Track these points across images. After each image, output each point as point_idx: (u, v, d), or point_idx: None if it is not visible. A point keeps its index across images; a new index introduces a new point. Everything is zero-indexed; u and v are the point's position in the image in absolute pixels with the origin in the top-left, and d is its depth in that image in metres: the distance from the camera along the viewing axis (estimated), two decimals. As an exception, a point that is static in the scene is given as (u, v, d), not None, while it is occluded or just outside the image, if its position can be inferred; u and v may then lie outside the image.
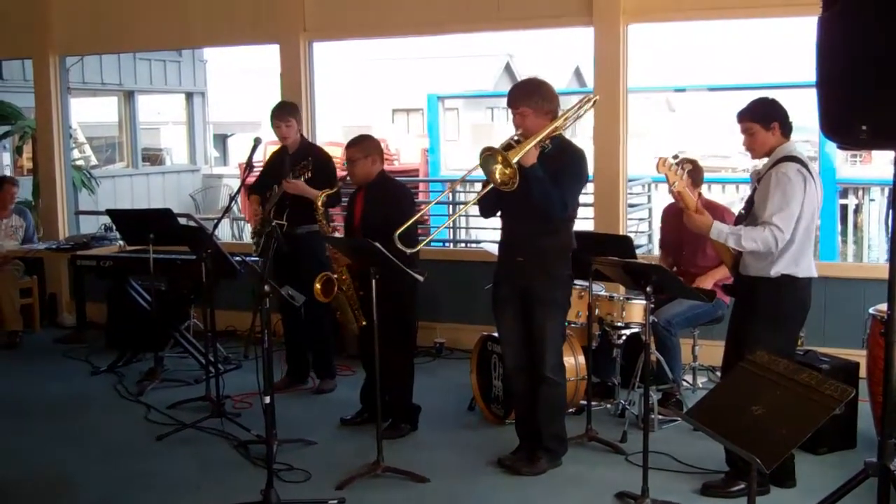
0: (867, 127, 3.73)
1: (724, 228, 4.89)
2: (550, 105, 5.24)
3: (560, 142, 5.27)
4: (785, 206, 4.75)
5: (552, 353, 5.38)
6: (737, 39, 33.24)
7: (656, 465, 5.30)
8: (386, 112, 27.71)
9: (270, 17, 8.78)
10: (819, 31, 3.87)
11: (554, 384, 5.42)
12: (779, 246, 4.76)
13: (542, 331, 5.33)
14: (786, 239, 4.76)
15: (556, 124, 5.15)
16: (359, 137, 6.27)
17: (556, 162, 5.16)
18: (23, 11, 9.70)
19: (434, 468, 5.50)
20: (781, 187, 4.77)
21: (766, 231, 4.74)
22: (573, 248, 5.40)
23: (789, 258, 4.83)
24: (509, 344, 5.56)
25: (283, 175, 6.82)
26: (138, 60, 16.63)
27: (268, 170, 7.22)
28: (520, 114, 5.21)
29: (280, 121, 6.92)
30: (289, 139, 6.98)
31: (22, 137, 12.19)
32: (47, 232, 9.98)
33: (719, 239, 4.91)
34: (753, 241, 4.77)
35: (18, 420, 6.67)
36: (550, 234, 5.28)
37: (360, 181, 6.17)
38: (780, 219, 4.74)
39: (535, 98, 5.21)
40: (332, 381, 7.22)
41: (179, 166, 19.10)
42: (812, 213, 4.87)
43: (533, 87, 5.30)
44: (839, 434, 5.62)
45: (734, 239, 4.83)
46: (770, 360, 3.75)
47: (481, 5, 8.06)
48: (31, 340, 9.00)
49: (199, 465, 5.73)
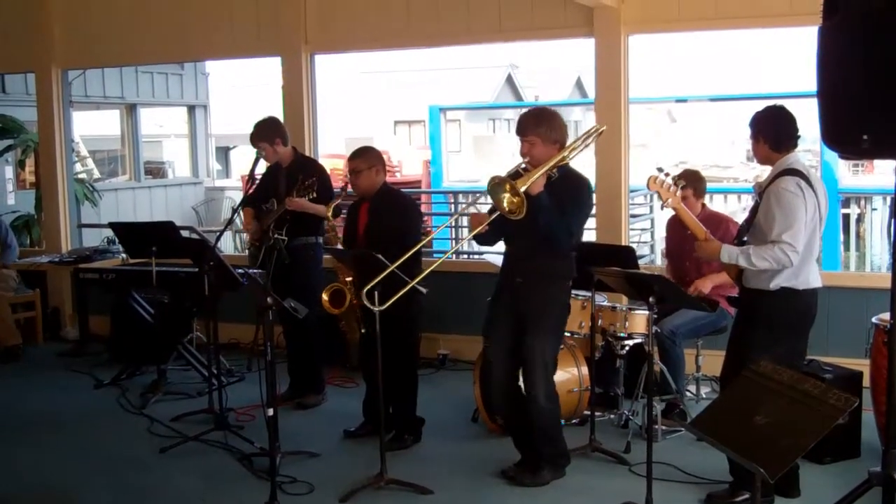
0: (868, 136, 3.73)
1: (733, 252, 4.86)
2: (558, 134, 5.26)
3: (566, 170, 5.29)
4: (792, 221, 4.72)
5: (545, 381, 5.35)
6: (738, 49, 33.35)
7: (660, 476, 5.29)
8: (388, 124, 27.76)
9: (272, 29, 8.81)
10: (820, 40, 3.88)
11: (549, 412, 5.41)
12: (793, 262, 4.72)
13: (532, 352, 5.31)
14: (799, 253, 4.72)
15: (563, 154, 5.19)
16: (362, 149, 6.28)
17: (561, 190, 5.19)
18: (25, 26, 9.74)
19: (438, 480, 5.49)
20: (783, 204, 4.74)
21: (775, 249, 4.71)
22: (573, 277, 5.43)
23: (790, 272, 4.80)
24: (497, 366, 5.54)
25: (278, 191, 6.83)
26: (140, 73, 16.64)
27: (262, 184, 7.20)
28: (528, 142, 5.24)
29: (255, 146, 6.87)
30: (277, 159, 6.95)
31: (24, 151, 12.20)
32: (50, 245, 9.98)
33: (731, 261, 4.88)
34: (765, 260, 4.75)
35: (22, 433, 6.67)
36: (552, 259, 5.30)
37: (364, 192, 6.18)
38: (790, 235, 4.70)
39: (543, 127, 5.23)
40: (317, 395, 7.17)
41: (182, 179, 19.11)
42: (811, 226, 4.83)
43: (542, 116, 5.33)
44: (843, 444, 5.62)
45: (745, 259, 4.81)
46: (773, 369, 3.74)
47: (483, 17, 8.08)
48: (33, 354, 8.99)
49: (202, 477, 5.73)
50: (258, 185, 7.20)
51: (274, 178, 7.00)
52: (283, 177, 6.90)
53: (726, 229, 6.32)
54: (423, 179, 17.81)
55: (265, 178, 7.19)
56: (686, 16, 7.48)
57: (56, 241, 9.89)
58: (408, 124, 27.87)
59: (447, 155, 17.42)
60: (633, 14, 7.53)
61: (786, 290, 4.82)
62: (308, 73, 8.76)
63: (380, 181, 6.18)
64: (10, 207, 12.77)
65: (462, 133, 25.54)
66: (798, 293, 4.84)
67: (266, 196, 6.99)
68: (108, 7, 9.54)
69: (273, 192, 6.90)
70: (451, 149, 20.31)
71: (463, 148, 24.98)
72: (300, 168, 6.87)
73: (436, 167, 16.59)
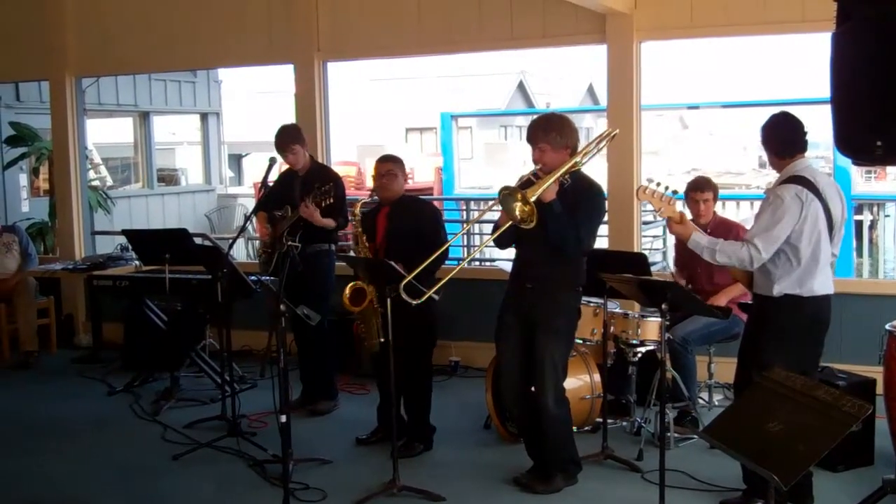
0: (882, 143, 3.72)
1: (701, 240, 4.86)
2: (569, 140, 5.25)
3: (578, 176, 5.28)
4: (770, 227, 4.71)
5: (553, 386, 5.35)
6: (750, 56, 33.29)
7: (673, 484, 5.28)
8: (399, 131, 27.80)
9: (285, 37, 8.84)
10: (833, 46, 3.87)
11: (559, 419, 5.40)
12: (754, 265, 4.73)
13: (542, 358, 5.31)
14: (763, 259, 4.71)
15: (575, 160, 5.17)
16: (392, 154, 6.36)
17: (573, 196, 5.19)
18: (39, 34, 9.79)
19: (450, 487, 5.49)
20: (772, 209, 4.74)
21: (742, 249, 4.72)
22: (583, 283, 5.43)
23: (793, 279, 4.78)
24: (508, 373, 5.54)
25: (292, 197, 6.84)
26: (153, 81, 16.71)
27: (275, 190, 7.22)
28: (539, 149, 5.24)
29: (284, 150, 6.93)
30: (298, 164, 7.01)
31: (38, 159, 12.27)
32: (63, 252, 10.02)
33: (696, 250, 4.89)
34: (726, 257, 4.76)
35: (35, 440, 6.69)
36: (562, 265, 5.30)
37: (390, 197, 6.18)
38: (761, 239, 4.70)
39: (553, 133, 5.22)
40: (330, 402, 7.19)
41: (194, 186, 19.17)
42: (815, 234, 4.79)
43: (551, 122, 5.30)
44: (856, 451, 5.60)
45: (708, 252, 4.82)
46: (786, 376, 3.73)
47: (494, 24, 8.10)
48: (47, 361, 9.02)
49: (215, 484, 5.74)
50: (271, 191, 7.23)
51: (288, 185, 7.02)
52: (299, 183, 6.92)
53: (736, 237, 6.31)
54: (435, 186, 17.81)
55: (278, 185, 7.20)
56: (698, 23, 7.47)
57: (70, 249, 9.93)
58: (419, 131, 27.90)
59: (459, 162, 17.45)
60: (646, 21, 7.53)
61: (790, 298, 4.79)
62: (320, 80, 8.79)
63: (403, 188, 6.24)
64: (24, 215, 12.84)
65: (474, 140, 25.56)
66: (803, 300, 4.81)
67: (279, 202, 7.00)
68: (121, 15, 9.59)
69: (287, 199, 6.91)
70: (462, 156, 20.32)
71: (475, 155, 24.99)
72: (316, 175, 6.88)
73: (447, 174, 16.61)
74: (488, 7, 8.10)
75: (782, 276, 4.78)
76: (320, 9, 8.68)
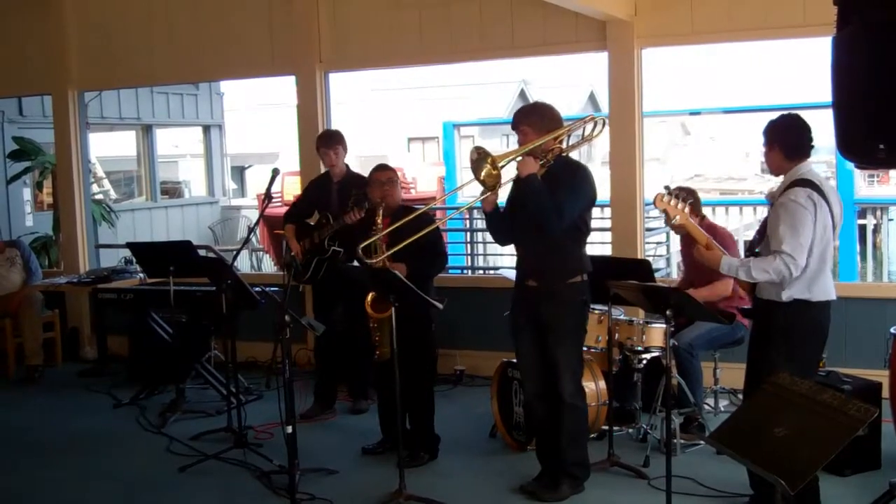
0: (885, 146, 3.72)
1: (734, 263, 4.85)
2: (550, 123, 5.32)
3: (564, 159, 5.35)
4: (796, 234, 4.67)
5: (569, 380, 5.36)
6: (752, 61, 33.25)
7: (680, 490, 5.26)
8: (401, 141, 27.82)
9: (286, 48, 8.86)
10: (834, 51, 3.87)
11: (574, 409, 5.39)
12: (794, 274, 4.67)
13: (555, 358, 5.33)
14: (801, 266, 4.67)
15: (554, 135, 5.24)
16: (385, 164, 6.47)
17: (556, 175, 5.25)
18: (41, 48, 9.82)
19: (456, 496, 5.49)
20: (791, 215, 4.69)
21: (777, 260, 4.68)
22: (588, 272, 5.41)
23: (802, 284, 4.75)
24: (527, 371, 5.57)
25: (327, 203, 6.96)
26: (155, 94, 16.73)
27: (308, 197, 7.27)
28: (521, 132, 5.33)
29: (329, 149, 7.12)
30: (336, 167, 7.15)
31: (42, 173, 12.28)
32: (68, 266, 10.03)
33: (730, 273, 4.89)
34: (765, 272, 4.72)
35: (41, 453, 6.70)
36: (558, 256, 5.30)
37: (394, 205, 6.20)
38: (792, 248, 4.66)
39: (532, 117, 5.33)
40: (365, 401, 7.34)
41: (198, 199, 19.18)
42: (825, 238, 4.78)
43: (531, 107, 5.52)
44: (863, 455, 5.58)
45: (744, 272, 4.78)
46: (792, 381, 3.72)
47: (496, 33, 8.11)
48: (53, 374, 9.03)
49: (221, 496, 5.74)
50: (303, 198, 7.29)
51: (324, 192, 7.09)
52: (336, 192, 6.99)
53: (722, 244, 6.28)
54: (438, 196, 17.80)
55: (312, 192, 7.29)
56: (699, 29, 7.48)
57: (74, 262, 9.94)
58: (422, 141, 27.91)
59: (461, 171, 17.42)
60: (647, 28, 7.54)
61: (799, 302, 4.76)
62: (322, 91, 8.80)
63: (401, 196, 6.32)
64: (28, 229, 12.85)
65: (476, 149, 25.51)
66: (812, 305, 4.78)
67: (312, 209, 7.09)
68: (123, 29, 9.61)
69: (320, 205, 7.04)
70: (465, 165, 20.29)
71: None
72: (353, 183, 6.95)
73: (450, 183, 16.61)
74: (489, 16, 8.11)
75: (793, 281, 4.74)
76: (322, 20, 8.69)
